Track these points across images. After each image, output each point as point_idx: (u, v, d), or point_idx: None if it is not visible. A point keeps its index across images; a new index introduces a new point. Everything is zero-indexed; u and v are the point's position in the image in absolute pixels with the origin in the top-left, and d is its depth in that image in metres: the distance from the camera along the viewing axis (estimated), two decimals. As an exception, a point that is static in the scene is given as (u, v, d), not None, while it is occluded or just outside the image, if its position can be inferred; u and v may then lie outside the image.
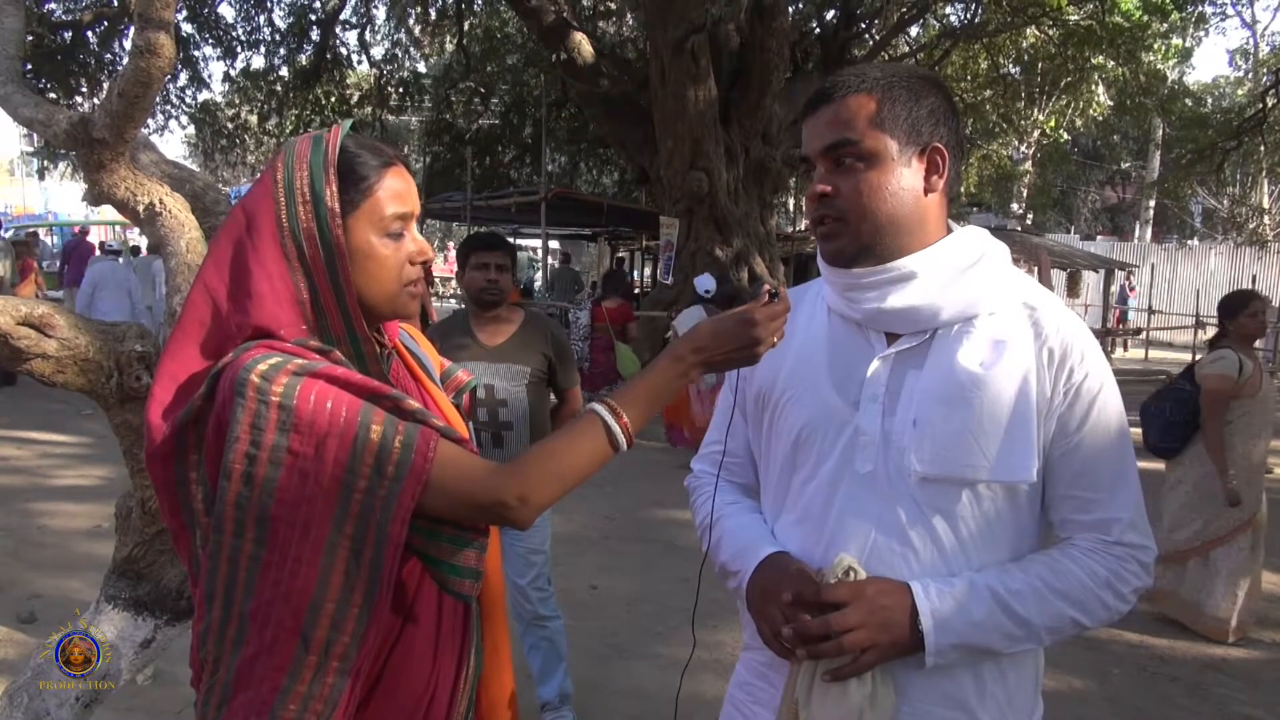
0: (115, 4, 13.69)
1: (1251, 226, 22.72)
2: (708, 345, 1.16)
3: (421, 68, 20.93)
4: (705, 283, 7.55)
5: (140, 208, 2.09)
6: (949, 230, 1.28)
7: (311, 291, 1.12)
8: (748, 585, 1.29)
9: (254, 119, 18.61)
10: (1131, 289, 19.60)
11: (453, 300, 21.58)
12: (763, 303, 1.16)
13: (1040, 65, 16.07)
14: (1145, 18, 12.91)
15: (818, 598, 1.17)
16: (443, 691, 1.21)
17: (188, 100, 17.37)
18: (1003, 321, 1.23)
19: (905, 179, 1.21)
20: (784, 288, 1.21)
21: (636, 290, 18.53)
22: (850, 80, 1.22)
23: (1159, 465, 4.46)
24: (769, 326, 1.16)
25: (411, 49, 19.92)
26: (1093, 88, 16.47)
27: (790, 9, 11.93)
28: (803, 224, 19.47)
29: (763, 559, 1.28)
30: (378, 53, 19.01)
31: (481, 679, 1.34)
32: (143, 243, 15.24)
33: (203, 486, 1.07)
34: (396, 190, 1.16)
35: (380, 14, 18.86)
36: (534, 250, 23.29)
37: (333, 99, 17.76)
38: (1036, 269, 12.92)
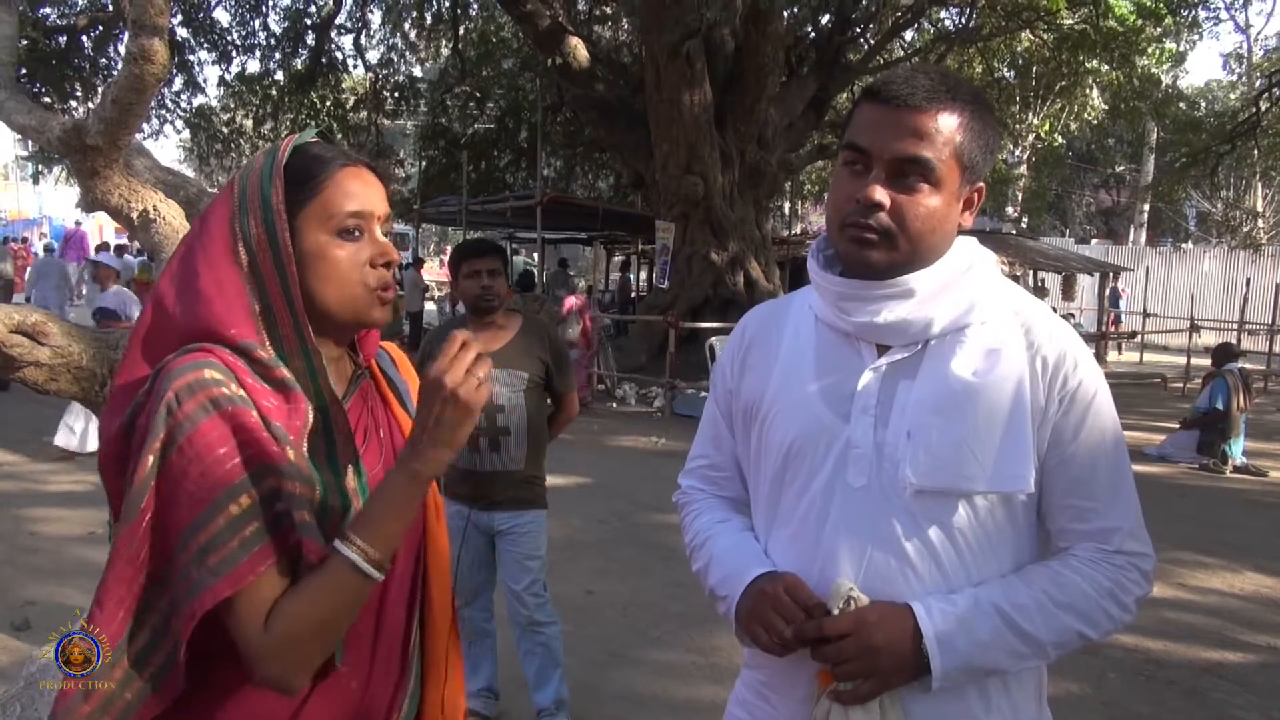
0: (110, 9, 13.67)
1: (1245, 230, 22.79)
2: (419, 436, 1.05)
3: (417, 72, 20.97)
4: None
5: (134, 214, 2.09)
6: None
7: (264, 301, 1.09)
8: (735, 611, 1.27)
9: (249, 123, 18.62)
10: (1122, 290, 19.58)
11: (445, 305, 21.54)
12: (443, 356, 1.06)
13: (1034, 69, 16.14)
14: (1139, 22, 12.96)
15: (819, 633, 1.15)
16: None
17: (183, 105, 17.37)
18: (994, 330, 1.21)
19: (954, 212, 1.20)
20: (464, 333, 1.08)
21: (633, 294, 18.54)
22: (941, 92, 1.16)
23: (1154, 469, 4.47)
24: (454, 372, 1.03)
25: (407, 53, 19.95)
26: (1087, 92, 16.55)
27: (785, 13, 11.94)
28: (798, 228, 19.48)
29: (748, 584, 1.26)
30: (373, 57, 19.07)
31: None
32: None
33: None
34: (350, 189, 1.11)
35: (376, 18, 18.90)
36: (531, 255, 23.29)
37: (328, 103, 17.76)
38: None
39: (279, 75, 17.47)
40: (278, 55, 17.08)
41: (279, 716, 1.09)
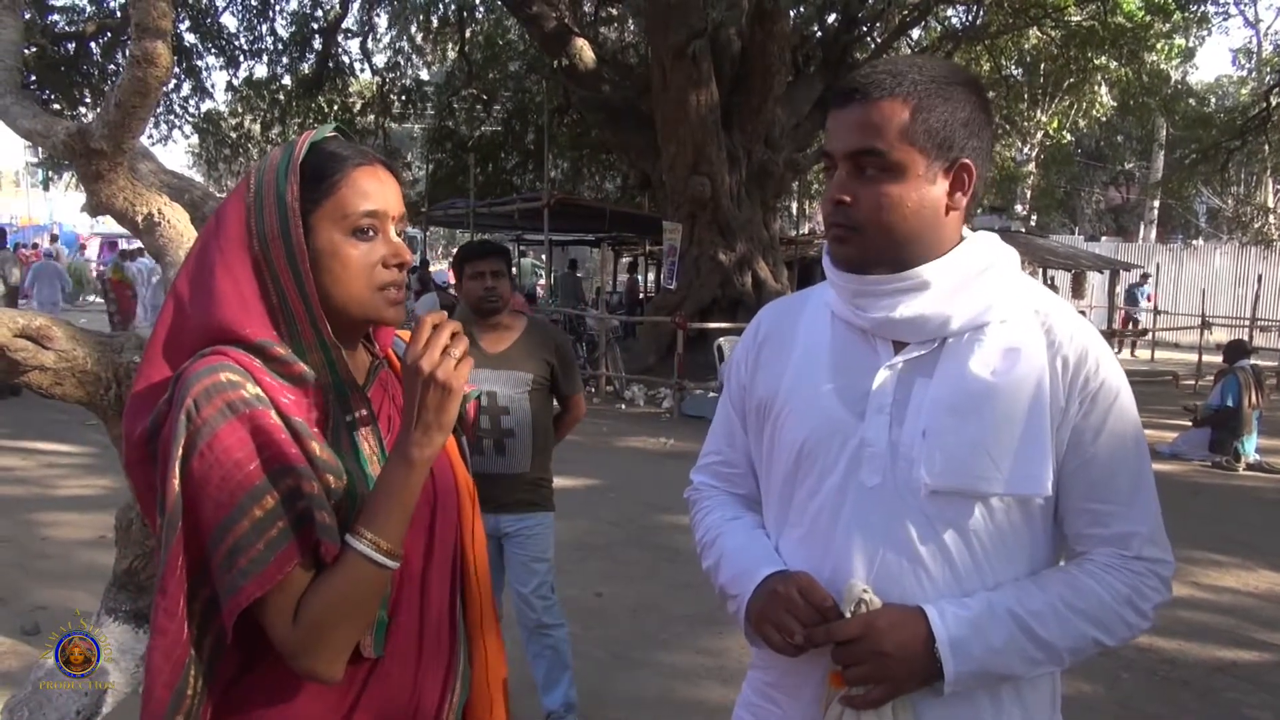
0: (118, 15, 13.76)
1: (1257, 226, 22.65)
2: (407, 423, 1.06)
3: (424, 75, 21.02)
4: None
5: (139, 218, 2.09)
6: (962, 237, 1.24)
7: (280, 297, 1.09)
8: (746, 610, 1.25)
9: (257, 128, 18.70)
10: (1148, 296, 18.39)
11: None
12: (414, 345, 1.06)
13: (1043, 66, 16.09)
14: (1147, 18, 12.92)
15: (828, 638, 1.14)
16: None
17: (191, 110, 17.48)
18: (1014, 329, 1.18)
19: (928, 196, 1.16)
20: (430, 316, 1.07)
21: (641, 295, 18.55)
22: (885, 81, 1.14)
23: (1166, 467, 4.43)
24: (430, 354, 1.03)
25: (414, 57, 20.01)
26: (1095, 88, 16.49)
27: (791, 13, 11.92)
28: (806, 228, 19.45)
29: (759, 583, 1.23)
30: (380, 61, 19.14)
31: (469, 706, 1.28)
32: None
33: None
34: (365, 188, 1.11)
35: (382, 22, 18.97)
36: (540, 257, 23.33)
37: (335, 107, 17.85)
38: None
39: (286, 80, 17.55)
40: (285, 60, 17.16)
41: (333, 714, 1.11)
